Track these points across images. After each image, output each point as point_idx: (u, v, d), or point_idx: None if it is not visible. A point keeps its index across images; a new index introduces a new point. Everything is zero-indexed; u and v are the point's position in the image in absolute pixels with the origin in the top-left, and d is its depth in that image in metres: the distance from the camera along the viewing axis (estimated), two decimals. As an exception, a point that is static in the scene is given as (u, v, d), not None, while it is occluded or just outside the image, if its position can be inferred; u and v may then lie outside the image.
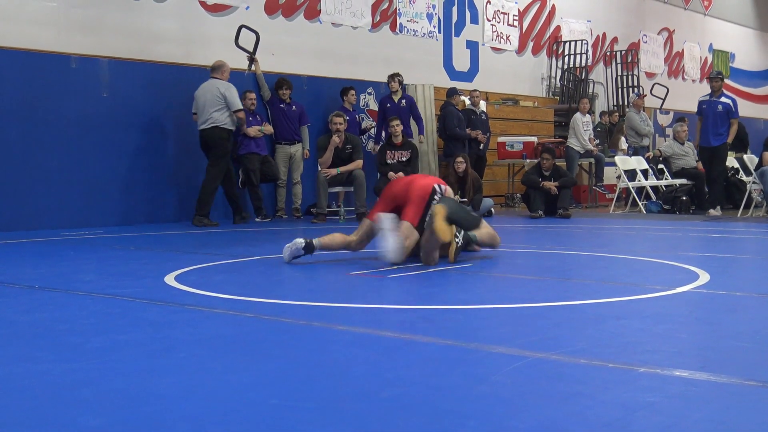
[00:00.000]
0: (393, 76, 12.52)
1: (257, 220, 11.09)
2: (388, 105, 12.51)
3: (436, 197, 6.07)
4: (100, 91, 10.14)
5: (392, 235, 5.78)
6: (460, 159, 11.00)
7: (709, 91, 11.77)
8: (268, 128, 11.47)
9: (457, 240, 5.89)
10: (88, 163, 10.03)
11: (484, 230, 6.27)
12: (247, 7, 11.82)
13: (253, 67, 11.46)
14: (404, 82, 13.28)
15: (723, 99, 11.33)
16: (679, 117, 16.53)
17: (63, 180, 9.84)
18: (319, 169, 10.95)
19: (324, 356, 3.12)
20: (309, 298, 4.58)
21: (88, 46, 10.15)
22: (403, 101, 12.52)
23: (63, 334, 3.61)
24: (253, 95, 11.39)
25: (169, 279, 5.24)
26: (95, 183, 10.10)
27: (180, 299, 4.47)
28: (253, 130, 11.17)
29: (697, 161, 12.40)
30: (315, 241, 6.15)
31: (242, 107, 10.57)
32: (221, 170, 10.41)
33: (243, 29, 11.28)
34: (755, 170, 11.45)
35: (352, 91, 12.53)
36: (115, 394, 2.62)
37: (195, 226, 10.09)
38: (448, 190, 6.34)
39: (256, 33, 11.31)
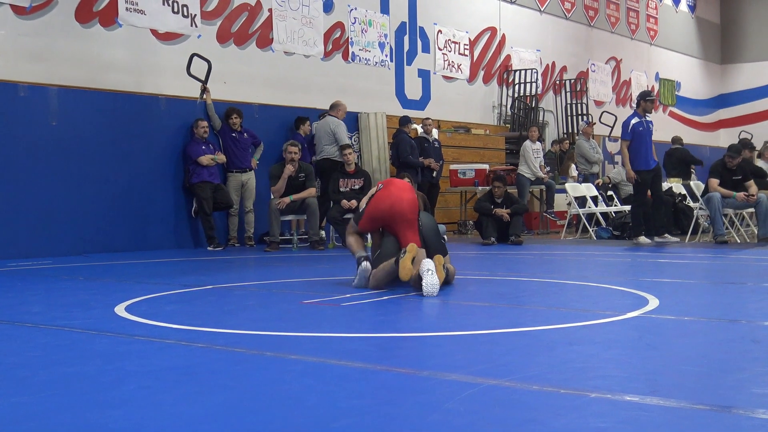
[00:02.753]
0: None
1: (209, 248, 11.00)
2: None
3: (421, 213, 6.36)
4: (48, 119, 10.02)
5: (432, 275, 5.72)
6: (406, 180, 11.05)
7: (631, 112, 11.60)
8: (221, 157, 11.43)
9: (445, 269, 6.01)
10: (36, 192, 9.88)
11: (452, 267, 6.36)
12: (199, 36, 11.80)
13: (204, 96, 11.43)
14: (357, 111, 13.44)
15: (649, 119, 11.41)
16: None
17: (10, 209, 9.67)
18: (272, 197, 10.92)
19: (277, 386, 3.10)
20: (262, 327, 4.54)
21: (37, 75, 10.04)
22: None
23: (9, 368, 3.54)
24: (205, 123, 11.35)
25: (120, 309, 5.17)
26: (44, 212, 9.95)
27: (130, 330, 4.41)
28: (205, 159, 11.13)
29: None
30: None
31: (348, 143, 11.93)
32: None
33: (195, 58, 11.26)
34: (702, 196, 11.66)
35: (308, 121, 12.64)
36: (63, 429, 2.57)
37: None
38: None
39: (208, 61, 11.30)
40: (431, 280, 5.66)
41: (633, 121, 11.06)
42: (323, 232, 11.85)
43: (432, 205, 12.68)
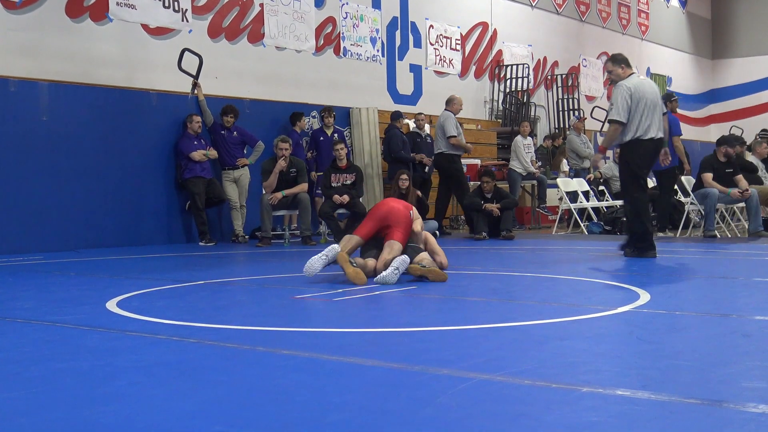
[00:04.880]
0: (329, 111, 12.76)
1: (201, 244, 10.99)
2: (321, 138, 12.76)
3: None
4: (39, 114, 9.98)
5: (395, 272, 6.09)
6: (404, 176, 11.07)
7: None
8: (213, 152, 11.43)
9: (422, 265, 6.22)
10: (26, 188, 9.85)
11: (426, 261, 6.45)
12: (190, 31, 11.77)
13: (195, 91, 11.39)
14: (348, 106, 13.50)
15: None
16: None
17: (1, 205, 9.64)
18: (264, 192, 10.91)
19: (269, 381, 3.10)
20: (253, 322, 4.54)
21: (28, 70, 9.99)
22: (335, 135, 12.80)
23: (0, 363, 3.53)
24: (198, 119, 11.34)
25: (111, 305, 5.16)
26: (35, 208, 9.92)
27: (122, 325, 4.41)
28: (197, 154, 11.11)
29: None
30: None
31: (454, 134, 12.45)
32: (460, 187, 12.54)
33: (186, 53, 11.22)
34: (693, 191, 11.69)
35: (304, 117, 12.68)
36: (55, 424, 2.57)
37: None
38: (415, 213, 6.88)
39: (199, 56, 11.26)
40: (390, 278, 6.05)
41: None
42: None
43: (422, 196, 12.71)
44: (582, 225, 12.94)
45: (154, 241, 11.10)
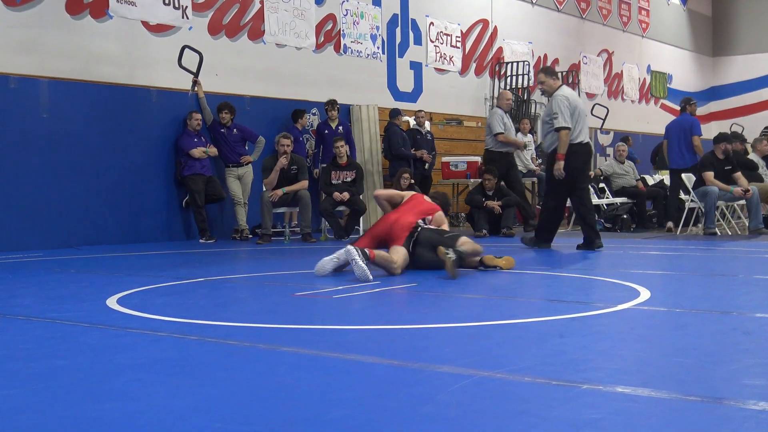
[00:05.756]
0: (333, 104, 12.73)
1: (201, 241, 10.99)
2: (326, 131, 12.72)
3: (418, 230, 6.88)
4: (39, 111, 9.97)
5: (359, 264, 6.15)
6: (406, 175, 11.06)
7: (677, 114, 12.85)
8: (213, 150, 11.41)
9: (449, 255, 6.26)
10: (27, 185, 9.85)
11: (467, 245, 6.74)
12: (191, 28, 11.75)
13: (195, 89, 11.38)
14: (349, 103, 13.45)
15: None
16: (624, 137, 16.83)
17: (1, 202, 9.64)
18: (264, 189, 10.90)
19: (269, 378, 3.10)
20: (254, 319, 4.54)
21: (28, 67, 9.98)
22: (340, 127, 12.76)
23: (1, 360, 3.53)
24: (199, 116, 11.33)
25: (111, 302, 5.16)
26: (35, 205, 9.91)
27: (122, 322, 4.41)
28: (197, 151, 11.11)
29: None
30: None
31: (500, 131, 12.17)
32: (514, 185, 12.30)
33: (186, 50, 11.21)
34: (693, 189, 11.69)
35: (305, 114, 12.67)
36: (56, 421, 2.57)
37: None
38: (436, 218, 7.24)
39: (200, 53, 11.25)
40: (358, 270, 6.14)
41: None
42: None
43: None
44: (582, 222, 12.91)
45: (154, 238, 11.10)
